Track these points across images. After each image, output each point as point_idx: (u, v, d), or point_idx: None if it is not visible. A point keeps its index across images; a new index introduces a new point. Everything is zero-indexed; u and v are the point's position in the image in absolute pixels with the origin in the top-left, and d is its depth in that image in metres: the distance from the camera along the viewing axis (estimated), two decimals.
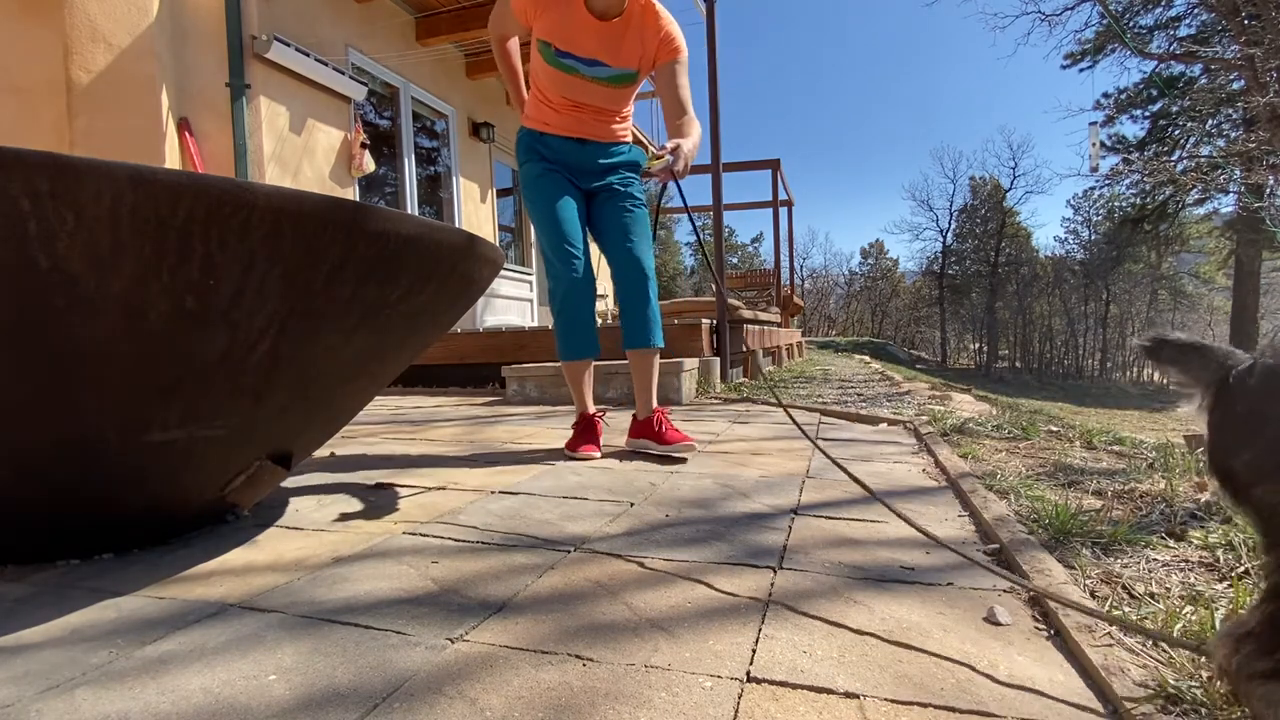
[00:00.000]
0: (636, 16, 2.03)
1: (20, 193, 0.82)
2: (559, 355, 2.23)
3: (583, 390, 2.28)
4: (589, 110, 2.13)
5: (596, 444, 2.20)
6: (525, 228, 8.34)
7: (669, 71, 2.07)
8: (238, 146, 4.40)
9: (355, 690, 0.78)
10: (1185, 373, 0.66)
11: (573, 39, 2.01)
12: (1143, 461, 1.93)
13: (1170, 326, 39.65)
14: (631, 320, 2.19)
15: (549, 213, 2.11)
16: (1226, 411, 0.61)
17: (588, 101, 2.11)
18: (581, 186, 2.20)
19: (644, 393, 2.23)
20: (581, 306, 2.15)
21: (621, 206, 2.19)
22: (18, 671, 0.84)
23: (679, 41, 2.07)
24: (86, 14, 4.04)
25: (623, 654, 0.85)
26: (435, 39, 6.15)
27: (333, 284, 1.11)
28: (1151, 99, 21.17)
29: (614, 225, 2.19)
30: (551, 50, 2.03)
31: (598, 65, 2.05)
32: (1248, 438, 0.59)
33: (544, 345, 4.77)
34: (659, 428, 2.15)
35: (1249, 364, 0.60)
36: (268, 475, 1.39)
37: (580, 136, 2.15)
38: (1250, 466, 0.58)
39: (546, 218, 2.11)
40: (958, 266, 38.56)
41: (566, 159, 2.16)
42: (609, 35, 2.02)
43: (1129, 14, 18.57)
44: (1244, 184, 13.43)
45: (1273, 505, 0.57)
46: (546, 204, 2.12)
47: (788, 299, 11.90)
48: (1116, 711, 0.72)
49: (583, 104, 2.12)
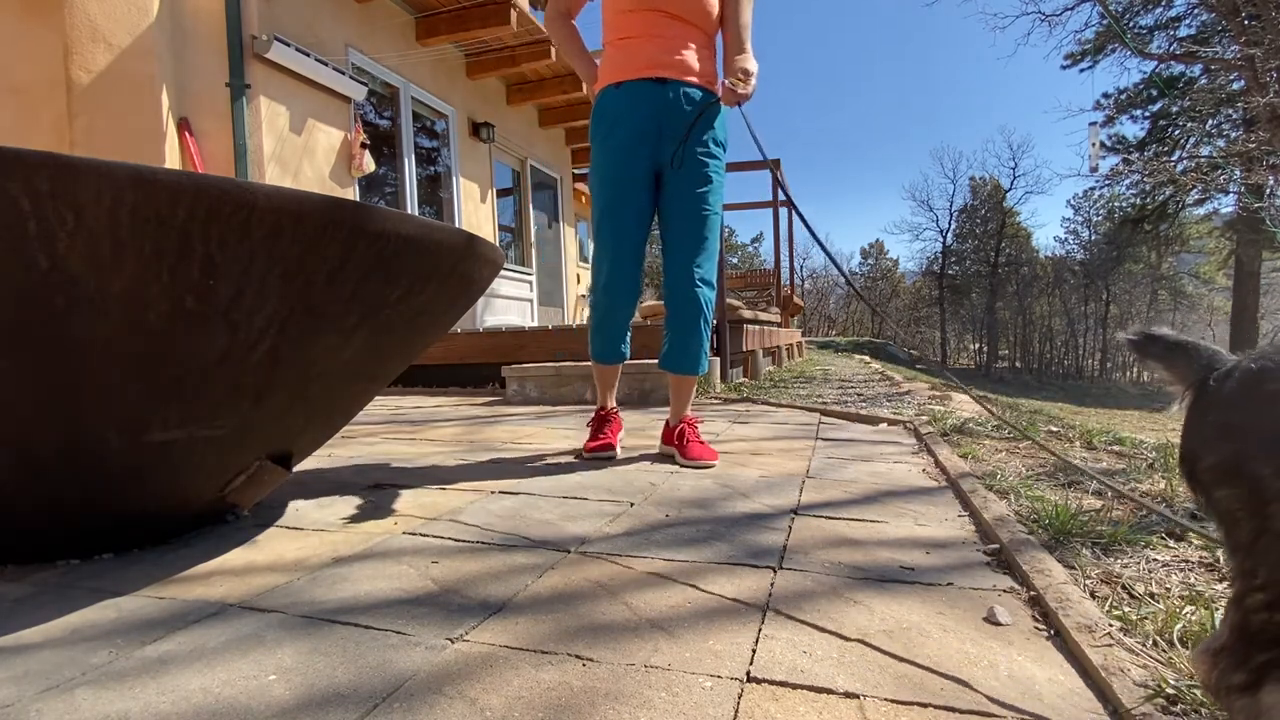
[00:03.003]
0: None
1: (20, 193, 0.82)
2: (592, 355, 2.21)
3: (608, 389, 2.27)
4: (671, 29, 1.99)
5: (613, 439, 2.19)
6: (525, 228, 8.34)
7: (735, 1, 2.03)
8: (238, 146, 4.40)
9: (355, 690, 0.78)
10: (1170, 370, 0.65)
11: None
12: (1143, 462, 1.93)
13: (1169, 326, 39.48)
14: (679, 346, 2.11)
15: (611, 195, 2.02)
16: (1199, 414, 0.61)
17: (670, 9, 1.98)
18: (658, 156, 2.04)
19: (677, 404, 2.19)
20: (620, 313, 2.11)
21: (698, 196, 2.03)
22: (18, 671, 0.84)
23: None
24: (86, 14, 4.04)
25: (623, 654, 0.85)
26: (435, 39, 6.15)
27: (333, 284, 1.11)
28: (1151, 99, 21.17)
29: (681, 226, 2.05)
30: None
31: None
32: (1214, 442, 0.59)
33: (544, 345, 4.78)
34: (682, 440, 2.10)
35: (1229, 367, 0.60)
36: (268, 475, 1.39)
37: (660, 75, 1.99)
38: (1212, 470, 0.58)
39: (608, 200, 2.03)
40: (958, 266, 38.56)
41: (649, 108, 2.00)
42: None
43: (1129, 14, 18.57)
44: (1244, 184, 13.43)
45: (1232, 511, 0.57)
46: (612, 184, 2.02)
47: (788, 299, 11.89)
48: (1117, 712, 0.72)
49: (662, 15, 1.98)
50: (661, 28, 2.00)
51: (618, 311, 2.11)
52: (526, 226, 8.34)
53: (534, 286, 8.23)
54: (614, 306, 2.10)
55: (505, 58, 6.77)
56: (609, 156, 2.04)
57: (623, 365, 2.29)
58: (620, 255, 2.04)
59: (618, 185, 2.03)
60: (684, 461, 2.06)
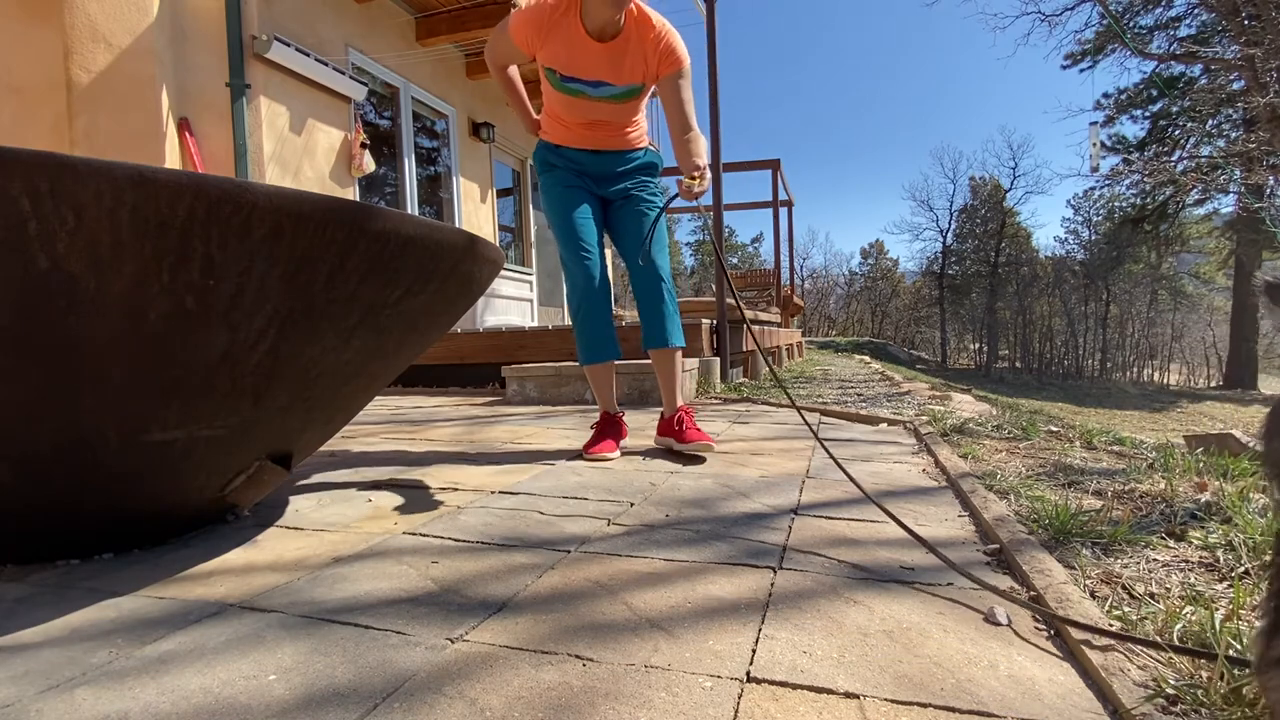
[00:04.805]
0: (634, 32, 2.03)
1: (20, 193, 0.82)
2: (580, 360, 2.28)
3: (604, 391, 2.31)
4: (601, 125, 2.19)
5: (615, 443, 2.21)
6: (525, 228, 8.34)
7: (671, 84, 2.08)
8: (238, 146, 4.40)
9: (355, 690, 0.78)
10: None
11: (576, 64, 2.05)
12: (1143, 462, 1.93)
13: (1169, 326, 39.56)
14: (650, 322, 2.24)
15: (565, 221, 2.19)
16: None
17: (598, 118, 2.17)
18: (599, 193, 2.26)
19: (667, 392, 2.27)
20: (598, 311, 2.20)
21: (637, 211, 2.25)
22: (18, 671, 0.84)
23: (679, 52, 2.07)
24: (86, 14, 4.04)
25: (623, 654, 0.85)
26: (435, 39, 6.15)
27: (333, 284, 1.11)
28: (1151, 99, 21.18)
29: (630, 231, 2.25)
30: (557, 76, 2.08)
31: (603, 86, 2.09)
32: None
33: (544, 345, 4.77)
34: (679, 426, 2.20)
35: None
36: (268, 475, 1.39)
37: (595, 148, 2.22)
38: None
39: (563, 226, 2.19)
40: (958, 266, 38.53)
41: (584, 168, 2.24)
42: (610, 56, 2.04)
43: (1129, 14, 18.57)
44: (1244, 184, 13.43)
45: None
46: (563, 213, 2.19)
47: (788, 299, 11.90)
48: (1117, 712, 0.72)
49: (594, 121, 2.18)
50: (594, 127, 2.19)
51: (596, 306, 2.19)
52: (526, 226, 8.33)
53: (534, 286, 8.23)
54: (589, 298, 2.19)
55: None
56: (555, 179, 2.24)
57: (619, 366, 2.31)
58: (585, 254, 2.17)
59: (570, 199, 2.21)
60: (682, 447, 2.15)
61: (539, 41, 2.03)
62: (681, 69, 2.08)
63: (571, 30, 2.00)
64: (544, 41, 2.03)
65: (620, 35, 2.03)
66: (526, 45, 2.07)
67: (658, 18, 2.07)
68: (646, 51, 2.05)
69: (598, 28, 2.00)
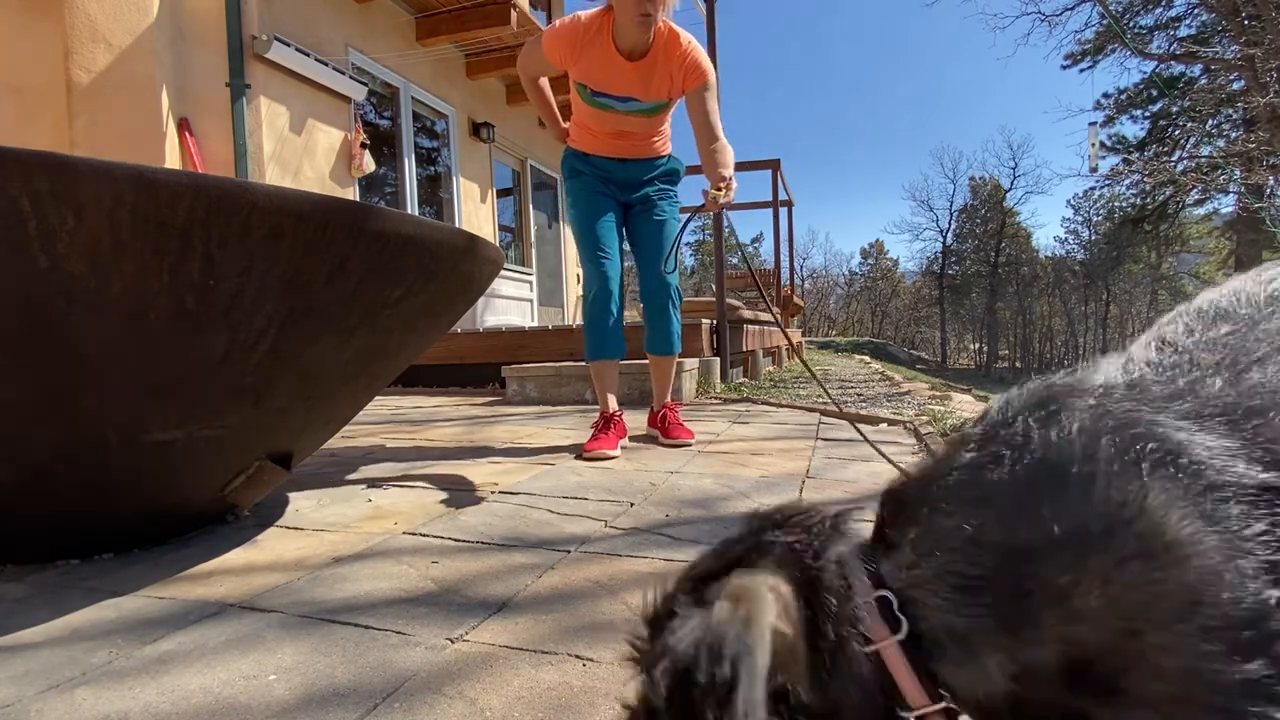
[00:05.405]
0: (662, 50, 2.13)
1: (20, 193, 0.82)
2: (586, 355, 2.38)
3: (606, 390, 2.38)
4: (628, 135, 2.30)
5: (614, 442, 2.23)
6: (525, 228, 8.34)
7: (697, 98, 2.17)
8: (238, 146, 4.40)
9: (355, 690, 0.78)
10: None
11: (607, 80, 2.15)
12: None
13: None
14: (655, 328, 2.39)
15: (588, 225, 2.30)
16: None
17: (626, 129, 2.28)
18: (622, 199, 2.39)
19: (658, 389, 2.49)
20: (608, 310, 2.30)
21: (656, 221, 2.38)
22: (18, 671, 0.84)
23: (704, 67, 2.16)
24: (86, 14, 4.04)
25: (623, 654, 0.85)
26: (435, 39, 6.14)
27: (333, 284, 1.11)
28: (1151, 99, 21.18)
29: (646, 240, 2.38)
30: (588, 91, 2.19)
31: (631, 101, 2.19)
32: None
33: (544, 345, 4.77)
34: (664, 422, 2.42)
35: None
36: (268, 475, 1.39)
37: (622, 157, 2.33)
38: None
39: (585, 229, 2.31)
40: (958, 266, 38.53)
41: (610, 175, 2.35)
42: (640, 73, 2.14)
43: (1129, 14, 18.57)
44: (1244, 184, 13.43)
45: None
46: (587, 217, 2.31)
47: (788, 299, 11.89)
48: None
49: (622, 131, 2.28)
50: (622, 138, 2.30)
51: (606, 305, 2.30)
52: (526, 226, 8.33)
53: (534, 286, 8.22)
54: (600, 296, 2.29)
55: (505, 58, 6.76)
56: (581, 184, 2.35)
57: (622, 365, 2.42)
58: (602, 256, 2.27)
59: (593, 204, 2.32)
60: (665, 441, 2.37)
61: (572, 59, 2.13)
62: (706, 82, 2.16)
63: (604, 50, 2.10)
64: (576, 59, 2.13)
65: (649, 54, 2.12)
66: (560, 61, 2.17)
67: (685, 35, 2.15)
68: (673, 68, 2.14)
69: (629, 47, 2.10)
